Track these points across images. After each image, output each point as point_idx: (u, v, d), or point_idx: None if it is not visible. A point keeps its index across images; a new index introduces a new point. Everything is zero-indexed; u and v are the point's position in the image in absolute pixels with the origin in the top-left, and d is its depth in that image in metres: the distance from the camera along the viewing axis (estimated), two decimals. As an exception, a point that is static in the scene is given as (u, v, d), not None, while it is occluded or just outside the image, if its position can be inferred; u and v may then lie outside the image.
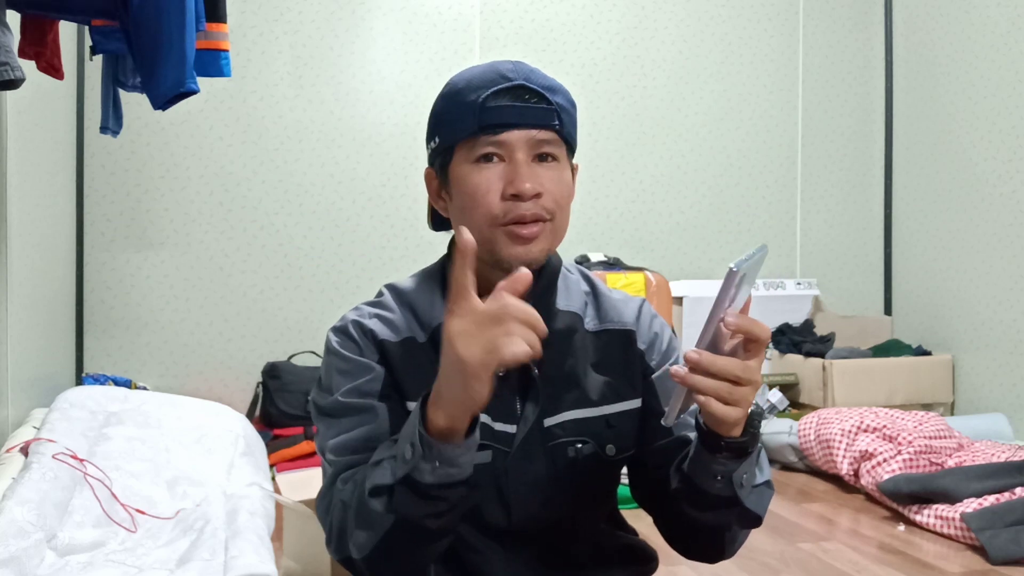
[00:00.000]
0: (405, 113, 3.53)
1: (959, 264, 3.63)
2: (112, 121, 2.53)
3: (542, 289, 1.00)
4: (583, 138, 3.76)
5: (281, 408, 3.16)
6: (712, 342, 0.81)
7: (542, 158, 0.94)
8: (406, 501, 0.82)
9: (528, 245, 0.94)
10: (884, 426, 2.85)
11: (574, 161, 1.01)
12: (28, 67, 1.86)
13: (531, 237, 0.93)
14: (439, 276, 1.05)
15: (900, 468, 2.66)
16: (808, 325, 3.82)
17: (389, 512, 0.84)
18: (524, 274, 0.79)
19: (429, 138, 1.00)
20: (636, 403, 1.04)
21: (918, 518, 2.46)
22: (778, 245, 4.01)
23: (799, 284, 3.90)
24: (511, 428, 0.98)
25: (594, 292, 1.09)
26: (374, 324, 1.00)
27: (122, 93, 2.53)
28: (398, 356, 0.98)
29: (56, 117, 2.92)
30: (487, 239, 0.93)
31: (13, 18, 1.87)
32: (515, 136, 0.93)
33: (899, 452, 2.72)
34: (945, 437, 2.84)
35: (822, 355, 3.56)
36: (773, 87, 3.99)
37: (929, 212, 3.81)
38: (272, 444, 3.00)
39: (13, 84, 1.56)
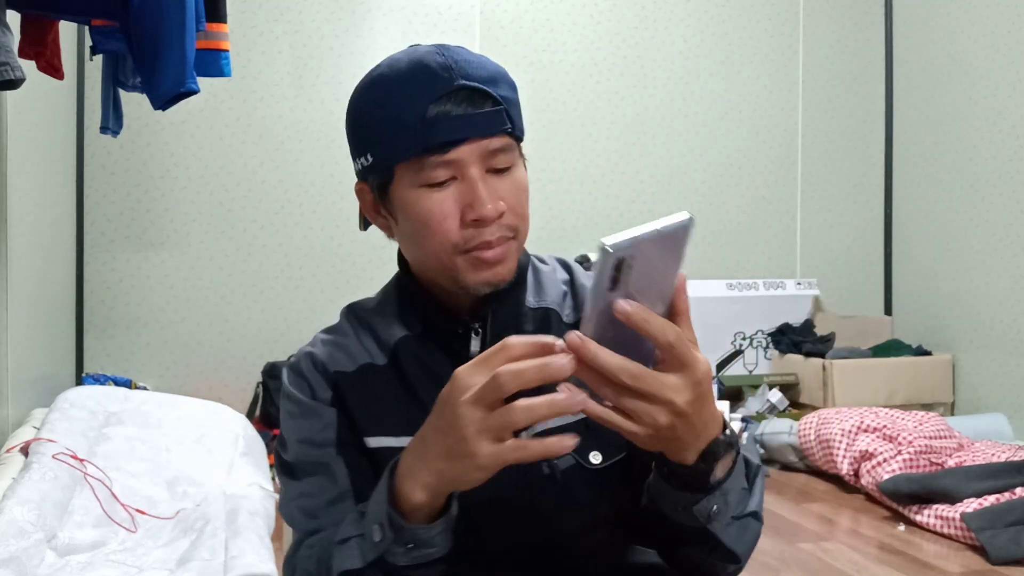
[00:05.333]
0: (405, 113, 3.52)
1: (959, 264, 3.62)
2: (112, 121, 2.53)
3: (509, 288, 0.88)
4: (583, 139, 3.76)
5: (281, 408, 3.16)
6: (612, 339, 0.65)
7: (497, 168, 0.83)
8: None
9: (495, 268, 0.83)
10: (884, 426, 2.85)
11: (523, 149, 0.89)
12: (28, 67, 1.86)
13: (498, 260, 0.83)
14: (396, 288, 0.96)
15: (900, 468, 2.66)
16: (808, 325, 3.82)
17: None
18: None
19: (357, 153, 0.87)
20: None
21: (918, 518, 2.46)
22: (778, 245, 4.01)
23: (799, 284, 3.90)
24: None
25: (572, 281, 0.97)
26: (327, 355, 0.91)
27: (122, 93, 2.53)
28: (354, 387, 0.89)
29: (56, 117, 2.92)
30: (447, 266, 0.83)
31: (13, 18, 1.86)
32: (466, 151, 0.80)
33: (899, 452, 2.72)
34: (945, 437, 2.84)
35: (822, 355, 3.56)
36: (773, 87, 3.99)
37: (929, 212, 3.81)
38: (272, 444, 3.00)
39: (13, 84, 1.56)
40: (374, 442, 0.87)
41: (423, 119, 0.80)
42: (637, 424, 0.66)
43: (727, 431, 0.73)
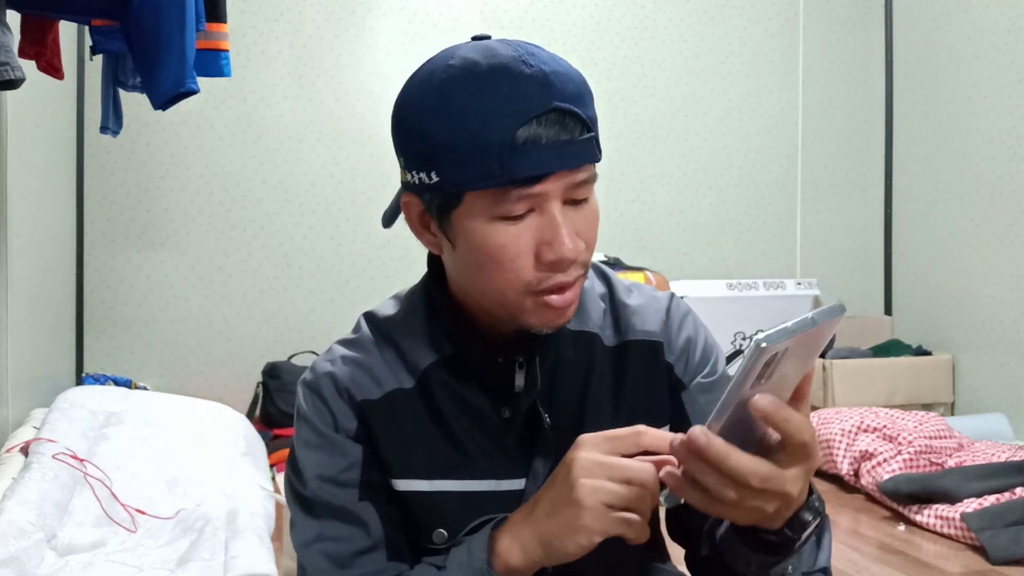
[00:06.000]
0: (405, 113, 3.52)
1: (959, 264, 3.62)
2: (112, 121, 2.53)
3: None
4: (583, 138, 3.76)
5: (281, 408, 3.16)
6: (732, 425, 0.61)
7: (575, 200, 0.74)
8: None
9: (564, 313, 0.76)
10: (884, 426, 2.85)
11: None
12: (28, 67, 1.86)
13: (566, 306, 0.76)
14: (424, 303, 0.86)
15: (900, 468, 2.66)
16: (808, 325, 3.82)
17: None
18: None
19: (415, 166, 0.74)
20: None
21: (918, 518, 2.46)
22: (778, 245, 4.01)
23: (799, 284, 3.89)
24: (519, 484, 0.82)
25: (611, 297, 0.89)
26: (351, 378, 0.82)
27: (122, 93, 2.53)
28: (382, 418, 0.81)
29: (56, 117, 2.92)
30: (511, 305, 0.75)
31: (13, 18, 1.87)
32: (552, 186, 0.71)
33: (899, 452, 2.72)
34: (945, 437, 2.84)
35: (822, 355, 3.56)
36: (773, 87, 3.99)
37: (929, 212, 3.81)
38: (272, 444, 3.00)
39: (13, 84, 1.56)
40: (403, 485, 0.81)
41: (510, 146, 0.68)
42: (747, 515, 0.64)
43: (813, 495, 0.70)
